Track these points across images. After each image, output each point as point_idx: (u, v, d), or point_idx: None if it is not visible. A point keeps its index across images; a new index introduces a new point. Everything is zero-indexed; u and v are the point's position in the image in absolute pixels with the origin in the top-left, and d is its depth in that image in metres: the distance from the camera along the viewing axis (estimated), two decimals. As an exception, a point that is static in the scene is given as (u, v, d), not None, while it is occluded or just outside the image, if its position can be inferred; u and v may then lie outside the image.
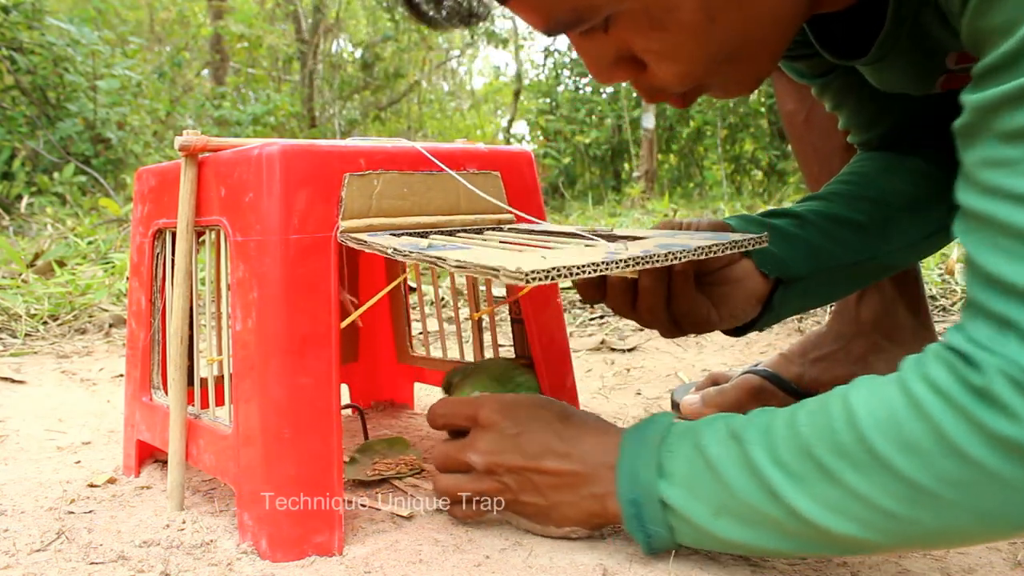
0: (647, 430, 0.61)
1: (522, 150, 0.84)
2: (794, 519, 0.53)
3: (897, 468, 0.49)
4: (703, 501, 0.56)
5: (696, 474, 0.57)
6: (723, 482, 0.55)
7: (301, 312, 0.64)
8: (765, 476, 0.53)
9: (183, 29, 8.27)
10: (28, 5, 4.19)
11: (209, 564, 0.63)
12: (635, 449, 0.61)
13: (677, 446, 0.59)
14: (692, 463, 0.57)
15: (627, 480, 0.60)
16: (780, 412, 0.56)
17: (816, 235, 0.79)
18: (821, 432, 0.52)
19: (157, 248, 0.79)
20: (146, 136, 5.04)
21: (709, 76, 0.62)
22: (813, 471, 0.52)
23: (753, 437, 0.55)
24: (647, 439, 0.61)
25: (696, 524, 0.57)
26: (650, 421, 0.62)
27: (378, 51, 7.59)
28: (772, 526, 0.54)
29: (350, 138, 0.75)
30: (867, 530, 0.51)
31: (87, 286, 1.96)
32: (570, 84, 8.19)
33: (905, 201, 0.84)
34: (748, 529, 0.55)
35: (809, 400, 0.55)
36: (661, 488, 0.58)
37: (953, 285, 1.80)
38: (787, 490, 0.52)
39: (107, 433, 1.01)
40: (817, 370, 1.00)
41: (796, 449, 0.53)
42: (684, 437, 0.59)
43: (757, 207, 4.30)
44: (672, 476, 0.58)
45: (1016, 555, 0.63)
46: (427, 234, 0.71)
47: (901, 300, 0.98)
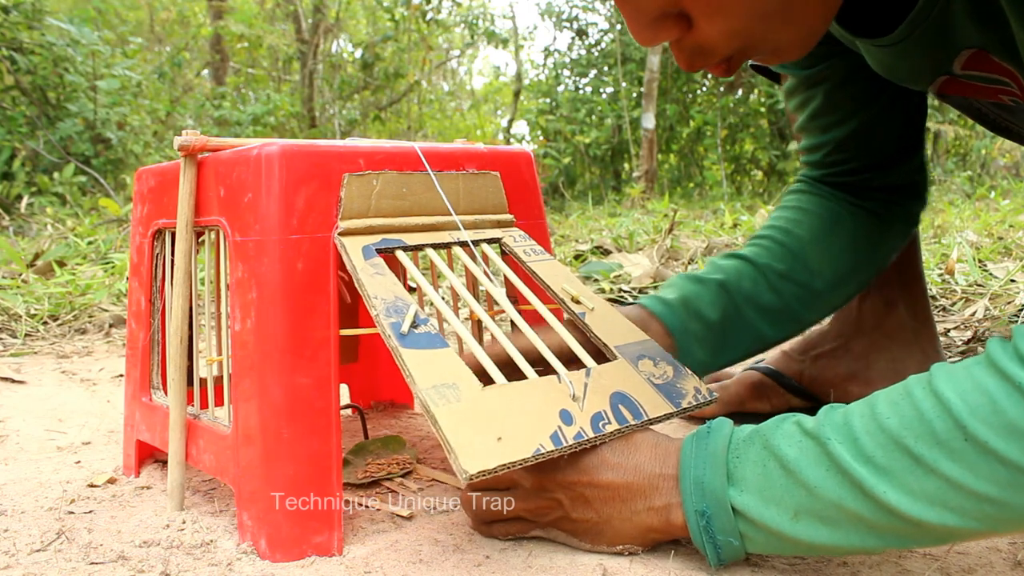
0: (709, 437, 0.60)
1: (522, 150, 0.84)
2: (884, 514, 0.51)
3: (1001, 453, 0.47)
4: (779, 505, 0.55)
5: (770, 477, 0.55)
6: (802, 483, 0.54)
7: (300, 312, 0.64)
8: (851, 473, 0.52)
9: (183, 29, 8.27)
10: (28, 5, 4.19)
11: (209, 564, 0.63)
12: (699, 458, 0.58)
13: (745, 451, 0.57)
14: (764, 467, 0.56)
15: (694, 490, 0.58)
16: (852, 408, 0.54)
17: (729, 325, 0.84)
18: (910, 423, 0.50)
19: (157, 248, 0.79)
20: (146, 136, 5.04)
21: (759, 34, 0.58)
22: (905, 463, 0.50)
23: (831, 434, 0.53)
24: (710, 446, 0.59)
25: (772, 529, 0.55)
26: (710, 429, 0.61)
27: (378, 51, 7.58)
28: (858, 523, 0.52)
29: (349, 138, 0.75)
30: (965, 519, 0.49)
31: (87, 286, 1.96)
32: (570, 84, 8.19)
33: (832, 277, 0.88)
34: (830, 529, 0.53)
35: (880, 394, 0.54)
36: (731, 496, 0.56)
37: (953, 285, 1.80)
38: (877, 485, 0.51)
39: (107, 433, 1.01)
40: (818, 367, 1.00)
41: (884, 442, 0.51)
42: (751, 442, 0.57)
43: (757, 207, 4.30)
44: (743, 482, 0.56)
45: (1016, 555, 0.63)
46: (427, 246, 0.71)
47: (903, 299, 0.98)
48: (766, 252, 0.88)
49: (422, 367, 0.60)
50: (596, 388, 0.65)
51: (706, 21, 0.57)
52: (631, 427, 0.64)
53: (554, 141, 7.57)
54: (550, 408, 0.61)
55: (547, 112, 7.97)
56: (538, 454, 0.57)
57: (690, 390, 0.71)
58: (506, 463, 0.55)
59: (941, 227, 2.86)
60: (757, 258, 0.88)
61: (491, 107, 11.60)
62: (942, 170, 6.02)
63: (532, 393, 0.62)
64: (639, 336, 0.74)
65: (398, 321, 0.62)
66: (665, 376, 0.71)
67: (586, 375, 0.66)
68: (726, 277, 0.86)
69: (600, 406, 0.64)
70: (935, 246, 2.39)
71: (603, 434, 0.62)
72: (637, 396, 0.67)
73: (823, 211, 0.90)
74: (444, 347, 0.63)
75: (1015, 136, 0.91)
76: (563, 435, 0.60)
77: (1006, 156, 6.16)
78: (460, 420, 0.57)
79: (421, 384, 0.58)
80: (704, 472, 0.57)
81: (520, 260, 0.77)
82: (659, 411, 0.67)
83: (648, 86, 6.18)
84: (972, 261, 1.94)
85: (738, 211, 4.21)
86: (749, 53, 0.61)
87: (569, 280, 0.77)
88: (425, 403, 0.57)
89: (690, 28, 0.58)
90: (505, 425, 0.58)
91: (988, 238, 2.56)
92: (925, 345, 0.99)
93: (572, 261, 2.56)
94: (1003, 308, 1.55)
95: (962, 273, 1.89)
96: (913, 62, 0.73)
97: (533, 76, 9.04)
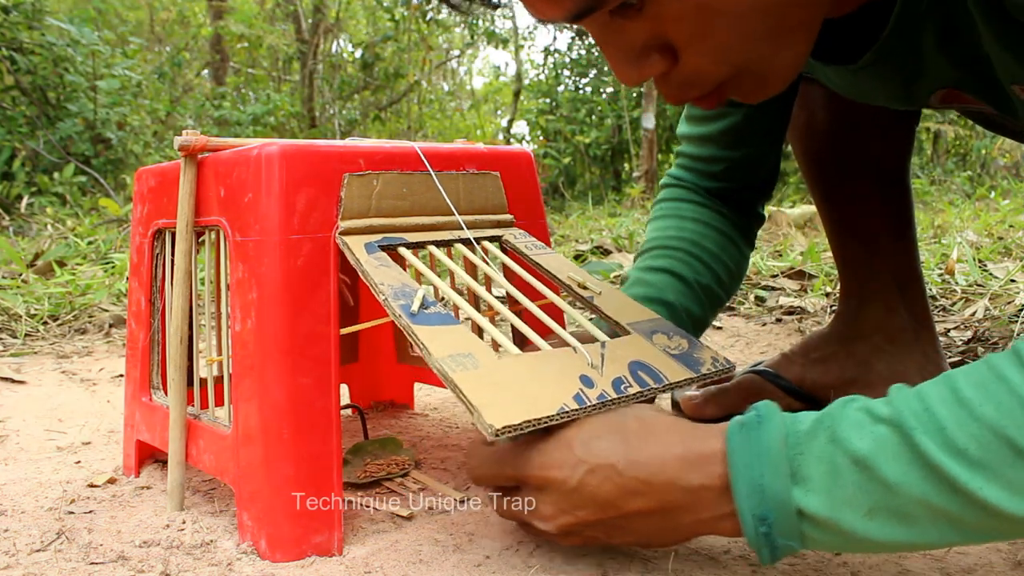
0: (760, 429, 0.53)
1: (522, 150, 0.84)
2: (977, 511, 0.47)
3: None
4: (851, 504, 0.50)
5: (840, 476, 0.50)
6: (879, 480, 0.49)
7: (301, 312, 0.64)
8: (940, 467, 0.47)
9: (183, 29, 8.27)
10: (28, 5, 4.19)
11: (209, 564, 0.63)
12: (753, 455, 0.52)
13: (807, 445, 0.51)
14: (832, 463, 0.50)
15: (751, 495, 0.52)
16: (927, 391, 0.50)
17: None
18: (1010, 410, 0.46)
19: (157, 248, 0.79)
20: (146, 136, 5.05)
21: (747, 60, 0.57)
22: (1005, 456, 0.46)
23: (912, 423, 0.49)
24: (764, 441, 0.52)
25: (841, 529, 0.50)
26: (759, 420, 0.54)
27: (378, 51, 7.58)
28: (942, 520, 0.48)
29: (349, 138, 0.75)
30: None
31: (87, 286, 1.96)
32: (570, 84, 8.18)
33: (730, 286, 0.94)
34: (907, 527, 0.49)
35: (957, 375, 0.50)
36: (796, 497, 0.51)
37: (953, 285, 1.80)
38: (972, 480, 0.46)
39: (107, 433, 1.01)
40: (818, 371, 1.00)
41: (978, 433, 0.47)
42: (813, 435, 0.52)
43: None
44: (808, 482, 0.51)
45: (1016, 555, 0.63)
46: (429, 243, 0.71)
47: (903, 303, 0.98)
48: (689, 268, 0.91)
49: (436, 340, 0.59)
50: (613, 358, 0.64)
51: (693, 50, 0.56)
52: (652, 390, 0.63)
53: (554, 141, 7.57)
54: (570, 374, 0.60)
55: (547, 112, 7.96)
56: (563, 412, 0.56)
57: (707, 359, 0.71)
58: (531, 419, 0.54)
59: (941, 227, 2.86)
60: (684, 273, 0.90)
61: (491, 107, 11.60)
62: (942, 170, 6.02)
63: (550, 361, 0.62)
64: (650, 315, 0.74)
65: (407, 303, 0.62)
66: (680, 348, 0.71)
67: (602, 347, 0.65)
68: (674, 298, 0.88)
69: (619, 372, 0.63)
70: (935, 246, 2.39)
71: (626, 396, 0.60)
72: (656, 364, 0.66)
73: (720, 224, 0.95)
74: (456, 324, 0.62)
75: (1010, 133, 0.91)
76: (586, 396, 0.59)
77: (1006, 156, 6.16)
78: (480, 383, 0.56)
79: (437, 354, 0.57)
80: (763, 474, 0.51)
81: (523, 255, 0.77)
82: (679, 376, 0.66)
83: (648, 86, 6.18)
84: (972, 261, 1.94)
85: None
86: (738, 81, 0.60)
87: (574, 270, 0.77)
88: (443, 371, 0.56)
89: (676, 61, 0.58)
90: (526, 388, 0.57)
91: (988, 238, 2.56)
92: (926, 347, 0.99)
93: (572, 261, 2.56)
94: (1003, 308, 1.55)
95: (962, 273, 1.89)
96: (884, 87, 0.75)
97: (533, 76, 9.04)
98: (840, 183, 0.99)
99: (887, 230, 0.98)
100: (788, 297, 1.86)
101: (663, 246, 0.93)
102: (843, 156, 0.98)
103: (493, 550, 0.65)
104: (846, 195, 0.99)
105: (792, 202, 4.74)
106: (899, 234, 0.98)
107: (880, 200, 0.98)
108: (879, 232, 0.98)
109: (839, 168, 0.98)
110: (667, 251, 0.92)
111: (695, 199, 0.97)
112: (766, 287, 1.99)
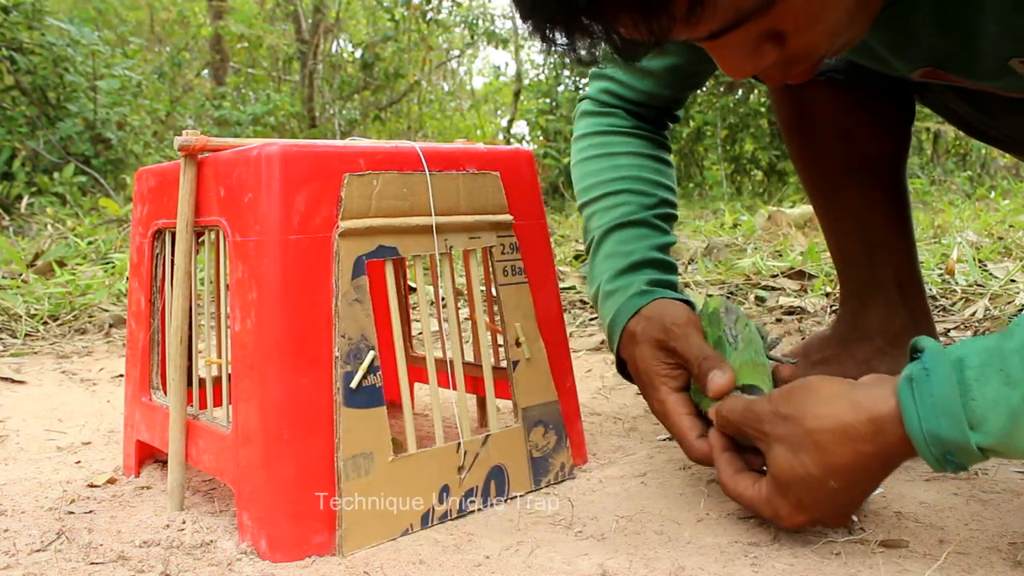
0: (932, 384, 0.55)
1: (522, 150, 0.84)
2: None
3: None
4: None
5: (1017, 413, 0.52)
6: None
7: (300, 312, 0.64)
8: None
9: (183, 29, 8.27)
10: (28, 5, 4.19)
11: (209, 564, 0.63)
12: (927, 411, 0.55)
13: (980, 390, 0.53)
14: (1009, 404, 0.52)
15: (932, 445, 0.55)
16: None
17: None
18: None
19: (157, 248, 0.79)
20: (146, 136, 5.04)
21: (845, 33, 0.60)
22: None
23: None
24: (936, 392, 0.55)
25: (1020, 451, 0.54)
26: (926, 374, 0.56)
27: (378, 51, 7.58)
28: None
29: (349, 138, 0.75)
30: None
31: (87, 286, 1.96)
32: (570, 84, 8.18)
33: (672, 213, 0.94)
34: None
35: None
36: (975, 440, 0.53)
37: (953, 285, 1.80)
38: None
39: (107, 433, 1.01)
40: (819, 373, 1.00)
41: None
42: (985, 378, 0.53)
43: (757, 207, 4.30)
44: (986, 423, 0.53)
45: (1016, 555, 0.63)
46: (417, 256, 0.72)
47: (904, 306, 0.98)
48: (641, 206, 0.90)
49: (352, 432, 0.66)
50: (483, 459, 0.75)
51: (804, 35, 0.57)
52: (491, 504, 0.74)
53: (554, 141, 7.57)
54: (434, 483, 0.71)
55: (547, 112, 7.96)
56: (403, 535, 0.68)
57: (557, 466, 0.81)
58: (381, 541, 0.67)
59: (941, 227, 2.85)
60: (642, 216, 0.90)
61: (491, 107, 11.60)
62: (942, 170, 6.01)
63: (428, 464, 0.71)
64: (550, 396, 0.82)
65: (352, 371, 0.67)
66: (546, 448, 0.81)
67: (483, 442, 0.75)
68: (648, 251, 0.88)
69: (475, 482, 0.74)
70: (935, 246, 2.39)
71: (466, 511, 0.73)
72: (511, 470, 0.77)
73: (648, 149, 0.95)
74: (380, 406, 0.69)
75: (992, 140, 0.92)
76: (432, 515, 0.71)
77: (1006, 156, 6.15)
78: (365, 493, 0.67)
79: (343, 453, 0.66)
80: (939, 427, 0.54)
81: (494, 278, 0.79)
82: (519, 490, 0.77)
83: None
84: (972, 261, 1.94)
85: (738, 211, 4.21)
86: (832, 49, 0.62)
87: (527, 316, 0.81)
88: (341, 472, 0.65)
89: (784, 47, 0.59)
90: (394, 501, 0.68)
91: (988, 238, 2.56)
92: None
93: (572, 261, 2.56)
94: (1003, 308, 1.55)
95: (962, 273, 1.89)
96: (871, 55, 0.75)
97: (533, 76, 9.04)
98: (837, 183, 0.99)
99: (886, 230, 0.98)
100: (788, 297, 1.86)
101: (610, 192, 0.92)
102: (840, 157, 0.97)
103: (493, 550, 0.65)
104: (844, 196, 0.99)
105: (792, 202, 4.74)
106: (898, 234, 0.98)
107: (878, 200, 0.98)
108: (878, 233, 0.98)
109: (836, 168, 0.98)
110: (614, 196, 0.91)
111: (621, 127, 0.96)
112: (766, 287, 1.99)
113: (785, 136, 1.02)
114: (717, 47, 0.58)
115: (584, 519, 0.71)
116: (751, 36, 0.57)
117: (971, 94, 0.84)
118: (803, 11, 0.56)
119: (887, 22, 0.68)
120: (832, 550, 0.64)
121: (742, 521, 0.70)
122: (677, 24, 0.52)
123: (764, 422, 0.63)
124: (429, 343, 0.76)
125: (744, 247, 2.67)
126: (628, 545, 0.65)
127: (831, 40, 0.60)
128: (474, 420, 0.97)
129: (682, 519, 0.71)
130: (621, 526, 0.69)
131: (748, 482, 0.66)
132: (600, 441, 0.95)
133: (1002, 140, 0.92)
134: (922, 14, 0.67)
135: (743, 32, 0.56)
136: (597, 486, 0.80)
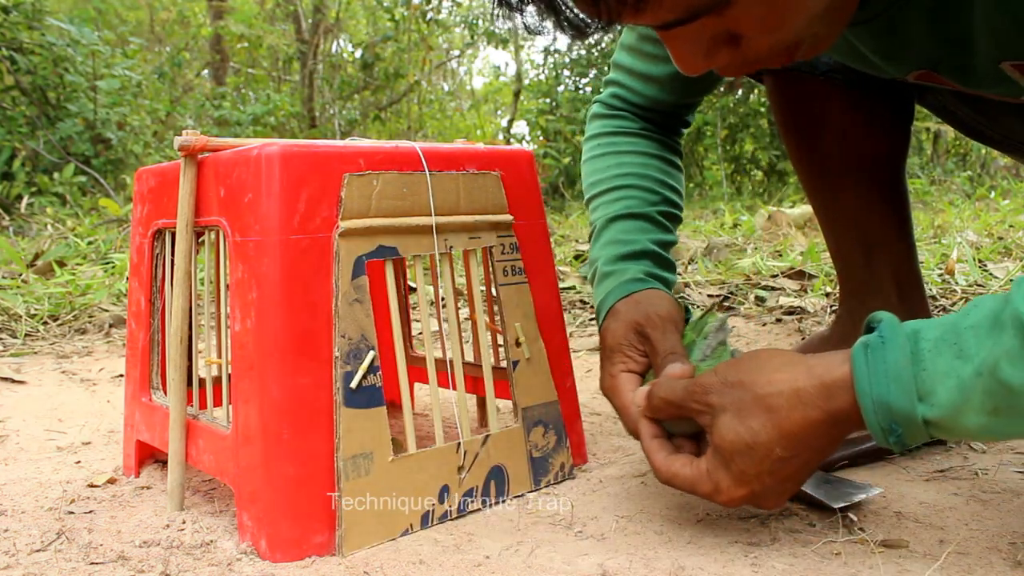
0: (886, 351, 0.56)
1: (522, 150, 0.84)
2: None
3: None
4: (975, 410, 0.53)
5: (967, 388, 0.52)
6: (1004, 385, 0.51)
7: (300, 312, 0.64)
8: None
9: (183, 29, 8.27)
10: (28, 5, 4.19)
11: (209, 564, 0.63)
12: (878, 378, 0.55)
13: (933, 362, 0.54)
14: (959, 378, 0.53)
15: (878, 413, 0.56)
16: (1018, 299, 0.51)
17: None
18: None
19: (157, 248, 0.79)
20: (146, 136, 5.04)
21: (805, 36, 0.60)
22: None
23: None
24: (889, 360, 0.55)
25: (967, 429, 0.54)
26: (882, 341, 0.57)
27: (378, 51, 7.58)
28: None
29: (349, 138, 0.75)
30: None
31: (87, 286, 1.96)
32: (570, 84, 8.18)
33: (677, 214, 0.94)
34: None
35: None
36: (921, 411, 0.54)
37: (953, 285, 1.80)
38: None
39: (107, 433, 1.01)
40: None
41: None
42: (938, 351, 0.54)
43: (757, 207, 4.30)
44: (933, 396, 0.54)
45: (1016, 555, 0.63)
46: (417, 256, 0.71)
47: (903, 305, 0.98)
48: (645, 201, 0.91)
49: (351, 432, 0.67)
50: (483, 459, 0.75)
51: (760, 37, 0.58)
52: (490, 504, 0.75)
53: (554, 141, 7.57)
54: (434, 483, 0.71)
55: (547, 112, 7.96)
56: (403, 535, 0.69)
57: (556, 466, 0.81)
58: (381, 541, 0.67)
59: (941, 227, 2.85)
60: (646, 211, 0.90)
61: (491, 107, 11.60)
62: (942, 170, 6.02)
63: (427, 464, 0.71)
64: (550, 396, 0.82)
65: (352, 371, 0.67)
66: (546, 448, 0.81)
67: (483, 442, 0.75)
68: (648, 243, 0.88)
69: (475, 482, 0.74)
70: (935, 246, 2.39)
71: (466, 511, 0.73)
72: (510, 470, 0.77)
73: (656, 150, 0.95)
74: (380, 406, 0.69)
75: (990, 141, 0.92)
76: (432, 515, 0.71)
77: (1005, 156, 6.15)
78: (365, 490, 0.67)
79: (343, 453, 0.66)
80: (888, 394, 0.55)
81: (494, 278, 0.79)
82: (518, 490, 0.77)
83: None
84: (972, 261, 1.94)
85: (738, 211, 4.21)
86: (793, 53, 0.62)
87: (527, 316, 0.81)
88: (340, 472, 0.66)
89: (739, 47, 0.59)
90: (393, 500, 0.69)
91: (988, 238, 2.56)
92: None
93: (572, 261, 2.56)
94: (1003, 308, 1.55)
95: (962, 273, 1.89)
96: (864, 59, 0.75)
97: (533, 76, 9.04)
98: (835, 183, 0.99)
99: (884, 230, 0.98)
100: (788, 297, 1.86)
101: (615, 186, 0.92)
102: (837, 156, 0.97)
103: (493, 550, 0.65)
104: (841, 195, 0.99)
105: (792, 202, 4.74)
106: (896, 234, 0.98)
107: (876, 200, 0.98)
108: (876, 232, 0.98)
109: (834, 168, 0.98)
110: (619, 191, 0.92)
111: (629, 128, 0.97)
112: (766, 287, 1.99)
113: (783, 136, 1.02)
114: (669, 38, 0.59)
115: (584, 519, 0.71)
116: (705, 34, 0.58)
117: (969, 96, 0.84)
118: (760, 17, 0.56)
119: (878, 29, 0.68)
120: (832, 550, 0.64)
121: (742, 521, 0.70)
122: (627, 9, 0.53)
123: (710, 393, 0.62)
124: (429, 343, 0.76)
125: (744, 247, 2.67)
126: (628, 545, 0.65)
127: (792, 48, 0.60)
128: (474, 420, 0.98)
129: (682, 519, 0.71)
130: (621, 526, 0.69)
131: (683, 461, 0.65)
132: (600, 441, 0.95)
133: (1000, 141, 0.92)
134: (915, 16, 0.67)
135: (696, 28, 0.57)
136: (597, 486, 0.80)
